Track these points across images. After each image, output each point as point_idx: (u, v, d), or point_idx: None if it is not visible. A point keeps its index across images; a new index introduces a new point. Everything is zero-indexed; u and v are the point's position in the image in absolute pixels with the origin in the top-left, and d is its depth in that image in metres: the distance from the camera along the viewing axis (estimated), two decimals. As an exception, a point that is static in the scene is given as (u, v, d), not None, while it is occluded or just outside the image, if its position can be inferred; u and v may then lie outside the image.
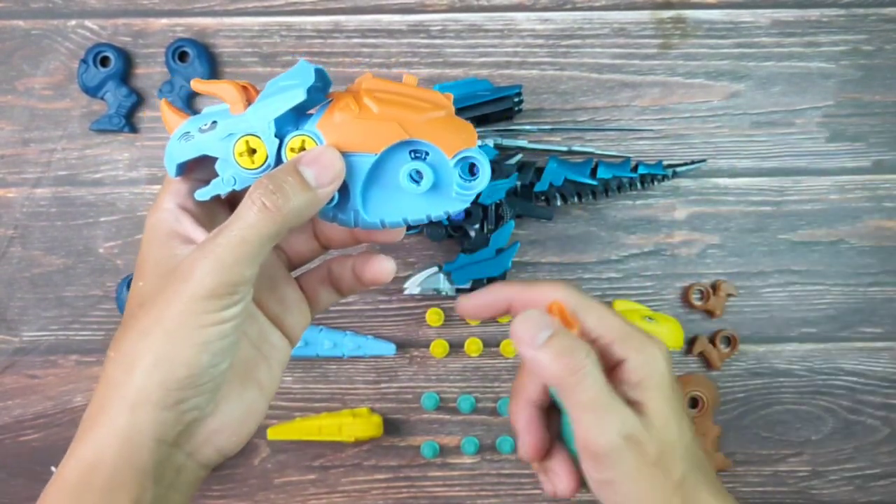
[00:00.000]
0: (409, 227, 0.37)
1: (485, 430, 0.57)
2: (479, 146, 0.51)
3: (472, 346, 0.56)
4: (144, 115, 0.55)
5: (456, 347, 0.56)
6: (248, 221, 0.31)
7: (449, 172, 0.34)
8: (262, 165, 0.33)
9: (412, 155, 0.34)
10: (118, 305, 0.55)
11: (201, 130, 0.34)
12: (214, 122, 0.34)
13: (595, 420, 0.33)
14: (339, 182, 0.33)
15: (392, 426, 0.56)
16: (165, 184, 0.36)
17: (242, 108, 0.33)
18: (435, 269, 0.53)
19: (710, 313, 0.56)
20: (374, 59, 0.55)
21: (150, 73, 0.55)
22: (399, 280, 0.55)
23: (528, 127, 0.54)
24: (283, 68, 0.55)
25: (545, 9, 0.55)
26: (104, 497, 0.31)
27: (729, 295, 0.56)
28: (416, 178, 0.34)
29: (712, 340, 0.56)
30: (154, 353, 0.31)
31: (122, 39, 0.55)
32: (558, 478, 0.36)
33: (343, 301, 0.56)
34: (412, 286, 0.53)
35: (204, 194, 0.34)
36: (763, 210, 0.56)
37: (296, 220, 0.32)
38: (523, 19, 0.55)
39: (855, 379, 0.56)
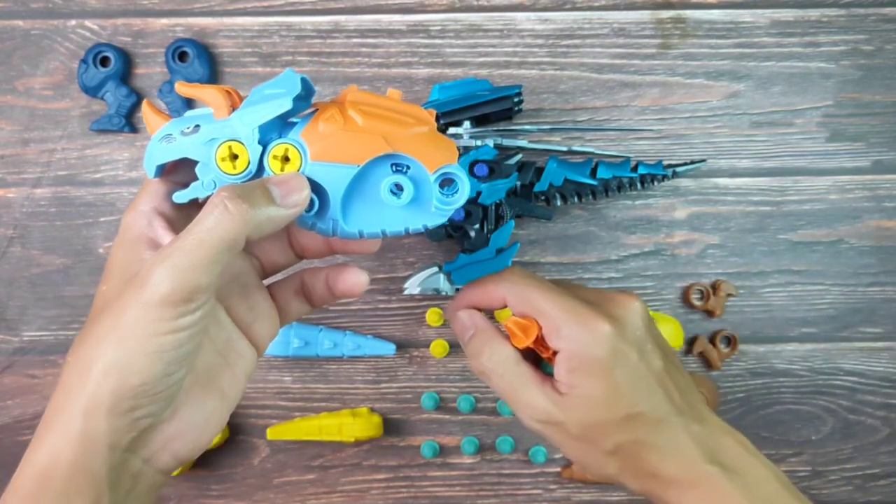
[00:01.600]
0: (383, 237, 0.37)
1: (485, 430, 0.57)
2: (480, 147, 0.51)
3: (472, 346, 0.56)
4: (144, 114, 0.55)
5: (456, 347, 0.56)
6: (207, 225, 0.31)
7: (429, 187, 0.34)
8: (244, 171, 0.34)
9: (394, 168, 0.34)
10: (118, 305, 0.55)
11: (184, 133, 0.34)
12: (198, 125, 0.34)
13: (513, 406, 0.39)
14: (301, 210, 0.33)
15: (392, 426, 0.56)
16: (143, 185, 0.36)
17: (226, 114, 0.34)
18: (435, 269, 0.53)
19: (710, 313, 0.56)
20: (373, 59, 0.55)
21: (150, 73, 0.55)
22: (399, 280, 0.55)
23: (527, 127, 0.53)
24: (283, 68, 0.55)
25: (545, 9, 0.55)
26: (59, 502, 0.30)
27: (729, 295, 0.55)
28: (396, 191, 0.34)
29: (712, 340, 0.56)
30: (107, 360, 0.31)
31: (122, 39, 0.55)
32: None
33: (343, 301, 0.56)
34: (412, 286, 0.53)
35: (182, 197, 0.34)
36: (763, 210, 0.56)
37: (255, 231, 0.32)
38: (523, 19, 0.55)
39: (855, 379, 0.56)
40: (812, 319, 0.56)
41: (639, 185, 0.53)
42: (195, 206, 0.34)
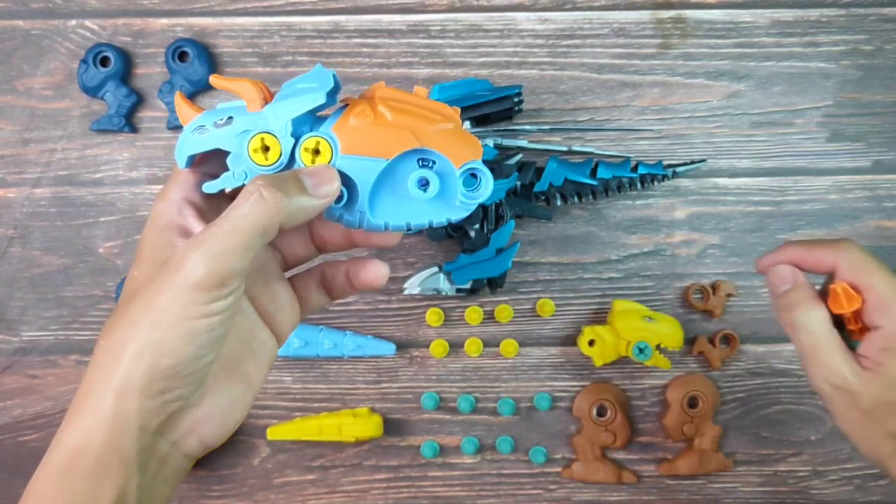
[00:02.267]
0: (407, 230, 0.37)
1: (485, 430, 0.57)
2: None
3: (472, 346, 0.56)
4: (144, 115, 0.55)
5: (456, 347, 0.56)
6: (241, 211, 0.31)
7: (454, 182, 0.35)
8: (276, 163, 0.34)
9: (420, 163, 0.35)
10: (118, 305, 0.55)
11: (216, 125, 0.35)
12: (230, 117, 0.35)
13: (806, 364, 0.42)
14: (330, 202, 0.34)
15: (392, 426, 0.56)
16: (173, 175, 0.36)
17: (259, 107, 0.34)
18: (435, 269, 0.53)
19: (710, 313, 0.56)
20: (374, 59, 0.55)
21: (150, 73, 0.55)
22: (399, 280, 0.55)
23: (528, 127, 0.54)
24: (283, 68, 0.55)
25: (545, 9, 0.55)
26: (89, 483, 0.31)
27: (729, 295, 0.56)
28: (423, 185, 0.35)
29: (712, 340, 0.56)
30: (140, 342, 0.31)
31: (122, 39, 0.55)
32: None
33: (343, 301, 0.56)
34: (412, 286, 0.53)
35: (212, 187, 0.35)
36: (763, 210, 0.56)
37: (288, 220, 0.32)
38: (523, 19, 0.55)
39: (855, 379, 0.56)
40: (812, 319, 0.56)
41: (639, 185, 0.53)
42: (224, 197, 0.35)
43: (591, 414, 0.55)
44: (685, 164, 0.55)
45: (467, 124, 0.51)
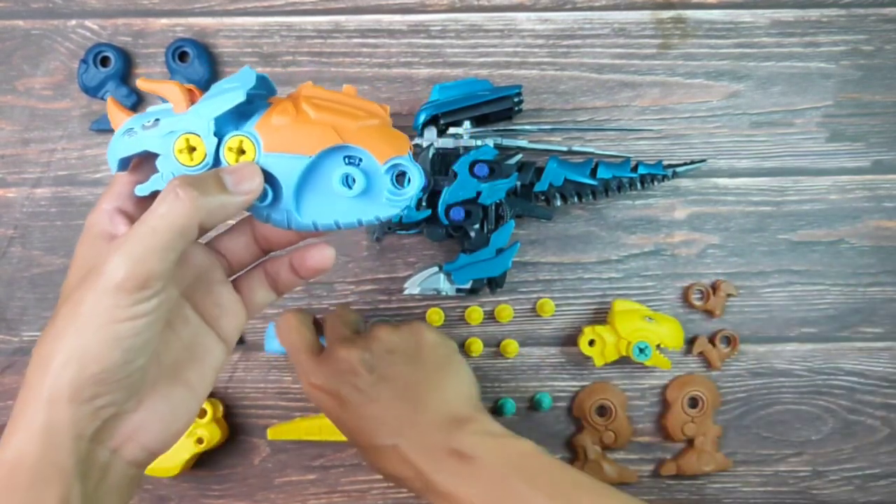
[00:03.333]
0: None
1: (485, 430, 0.56)
2: (480, 147, 0.51)
3: (472, 346, 0.56)
4: (144, 115, 0.55)
5: (456, 347, 0.56)
6: (159, 212, 0.31)
7: (381, 179, 0.35)
8: (201, 163, 0.35)
9: (346, 160, 0.35)
10: (118, 305, 0.55)
11: (144, 127, 0.35)
12: (157, 119, 0.35)
13: None
14: (253, 198, 0.34)
15: (392, 426, 0.56)
16: (108, 185, 0.37)
17: (185, 108, 0.35)
18: (435, 269, 0.53)
19: (710, 313, 0.56)
20: (374, 59, 0.55)
21: (150, 73, 0.55)
22: (399, 280, 0.55)
23: (528, 127, 0.54)
24: (283, 68, 0.55)
25: (545, 9, 0.55)
26: (29, 496, 0.31)
27: (729, 295, 0.56)
28: (348, 182, 0.35)
29: (712, 340, 0.56)
30: (66, 350, 0.31)
31: (122, 39, 0.55)
32: None
33: (343, 301, 0.56)
34: (412, 286, 0.53)
35: (143, 189, 0.35)
36: (763, 210, 0.56)
37: (207, 218, 0.32)
38: (523, 19, 0.55)
39: (855, 379, 0.56)
40: (812, 319, 0.56)
41: (639, 185, 0.53)
42: None
43: (591, 414, 0.55)
44: (685, 164, 0.55)
45: (467, 124, 0.51)
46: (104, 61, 0.54)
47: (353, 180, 0.35)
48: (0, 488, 0.31)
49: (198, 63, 0.54)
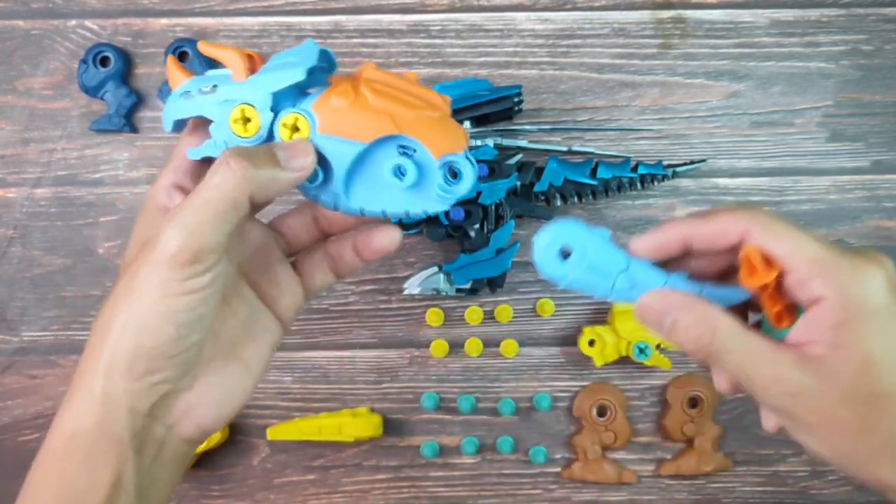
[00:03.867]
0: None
1: (485, 431, 0.57)
2: (480, 147, 0.51)
3: (472, 346, 0.56)
4: (144, 115, 0.55)
5: (456, 347, 0.56)
6: (212, 182, 0.31)
7: (433, 173, 0.34)
8: (255, 135, 0.34)
9: (400, 150, 0.34)
10: (118, 305, 0.55)
11: (201, 92, 0.34)
12: (215, 85, 0.34)
13: (751, 384, 0.31)
14: (305, 175, 0.33)
15: (392, 426, 0.56)
16: (167, 162, 0.36)
17: (244, 77, 0.34)
18: (435, 269, 0.53)
19: (709, 313, 0.56)
20: (374, 58, 0.55)
21: (150, 73, 0.55)
22: (399, 280, 0.55)
23: (528, 127, 0.54)
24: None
25: (545, 9, 0.55)
26: (85, 466, 0.31)
27: (729, 295, 0.55)
28: (400, 172, 0.34)
29: (712, 340, 0.56)
30: (122, 322, 0.31)
31: (122, 39, 0.55)
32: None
33: (343, 301, 0.56)
34: (412, 286, 0.53)
35: (195, 154, 0.35)
36: (763, 210, 0.56)
37: (258, 191, 0.32)
38: (523, 19, 0.55)
39: (855, 379, 0.56)
40: (812, 319, 0.56)
41: (639, 185, 0.53)
42: None
43: (591, 414, 0.55)
44: (685, 164, 0.55)
45: (467, 124, 0.51)
46: (104, 61, 0.54)
47: (405, 171, 0.34)
48: (57, 457, 0.31)
49: (198, 63, 0.54)
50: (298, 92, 0.35)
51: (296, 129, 0.34)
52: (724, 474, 0.57)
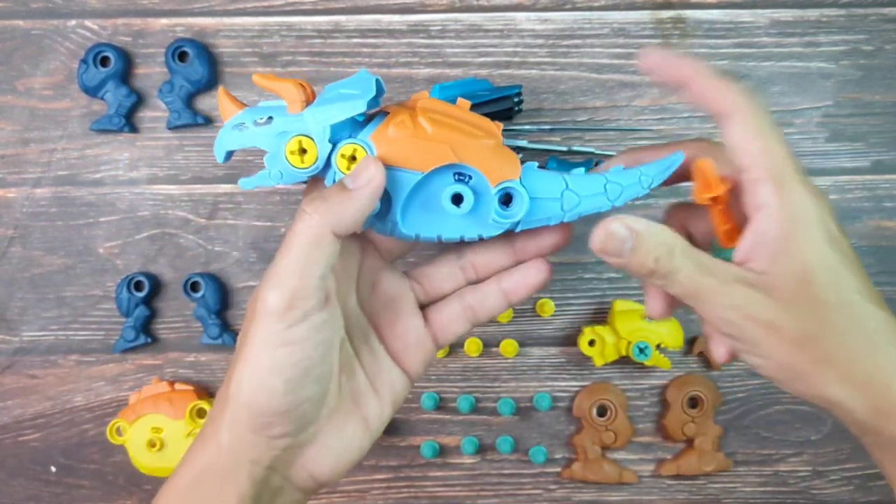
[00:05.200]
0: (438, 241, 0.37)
1: (485, 430, 0.57)
2: None
3: (472, 346, 0.56)
4: (144, 115, 0.55)
5: (456, 347, 0.56)
6: (294, 231, 0.32)
7: (489, 199, 0.35)
8: (311, 166, 0.34)
9: (456, 177, 0.35)
10: (118, 305, 0.55)
11: (256, 123, 0.35)
12: (271, 117, 0.35)
13: (704, 308, 0.32)
14: (376, 184, 0.33)
15: (392, 426, 0.56)
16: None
17: (300, 109, 0.34)
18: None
19: (710, 313, 0.56)
20: (374, 59, 0.55)
21: (150, 73, 0.55)
22: (399, 280, 0.55)
23: (528, 127, 0.54)
24: (283, 68, 0.55)
25: (545, 9, 0.55)
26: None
27: (729, 295, 0.55)
28: (456, 200, 0.35)
29: (712, 340, 0.56)
30: (238, 378, 0.32)
31: (122, 39, 0.55)
32: (717, 346, 0.35)
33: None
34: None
35: (248, 183, 0.35)
36: (763, 210, 0.56)
37: (339, 223, 0.32)
38: (523, 19, 0.55)
39: (855, 379, 0.56)
40: (812, 319, 0.56)
41: (639, 185, 0.53)
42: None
43: (591, 414, 0.55)
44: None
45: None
46: (104, 61, 0.54)
47: (462, 198, 0.35)
48: (186, 489, 0.33)
49: (198, 63, 0.54)
50: (354, 122, 0.35)
51: (353, 158, 0.35)
52: (725, 474, 0.57)
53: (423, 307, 0.39)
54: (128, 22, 0.55)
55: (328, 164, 0.35)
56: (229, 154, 0.36)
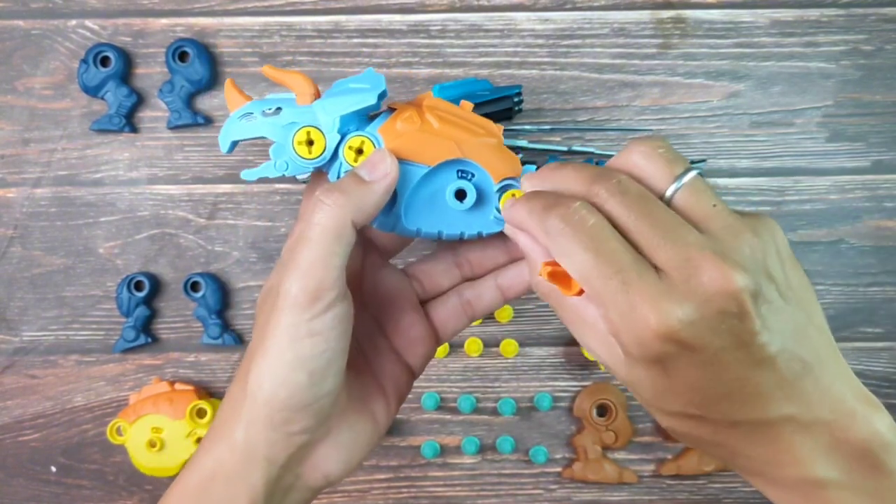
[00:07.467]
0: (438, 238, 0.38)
1: (485, 430, 0.57)
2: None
3: (472, 346, 0.56)
4: (144, 115, 0.55)
5: (456, 347, 0.56)
6: (313, 221, 0.32)
7: (490, 196, 0.36)
8: (319, 157, 0.35)
9: (459, 174, 0.36)
10: (118, 305, 0.55)
11: (265, 114, 0.35)
12: (279, 108, 0.35)
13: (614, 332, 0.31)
14: (392, 177, 0.34)
15: (392, 426, 0.56)
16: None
17: (309, 101, 0.35)
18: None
19: (710, 313, 0.56)
20: (374, 59, 0.55)
21: (150, 73, 0.55)
22: (399, 280, 0.55)
23: (528, 127, 0.54)
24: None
25: (545, 9, 0.55)
26: None
27: (729, 295, 0.55)
28: (459, 196, 0.36)
29: (712, 340, 0.56)
30: (258, 373, 0.32)
31: (122, 39, 0.55)
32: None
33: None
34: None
35: (252, 174, 0.35)
36: (763, 210, 0.56)
37: (358, 214, 0.32)
38: (523, 19, 0.55)
39: (855, 379, 0.56)
40: (812, 319, 0.56)
41: (639, 185, 0.53)
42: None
43: (591, 414, 0.55)
44: (685, 163, 0.55)
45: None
46: (104, 61, 0.54)
47: (465, 194, 0.36)
48: (195, 491, 0.33)
49: (198, 63, 0.54)
50: (360, 117, 0.36)
51: (360, 151, 0.35)
52: (725, 474, 0.57)
53: (422, 303, 0.39)
54: (128, 22, 0.55)
55: (334, 156, 0.35)
56: (234, 144, 0.36)
